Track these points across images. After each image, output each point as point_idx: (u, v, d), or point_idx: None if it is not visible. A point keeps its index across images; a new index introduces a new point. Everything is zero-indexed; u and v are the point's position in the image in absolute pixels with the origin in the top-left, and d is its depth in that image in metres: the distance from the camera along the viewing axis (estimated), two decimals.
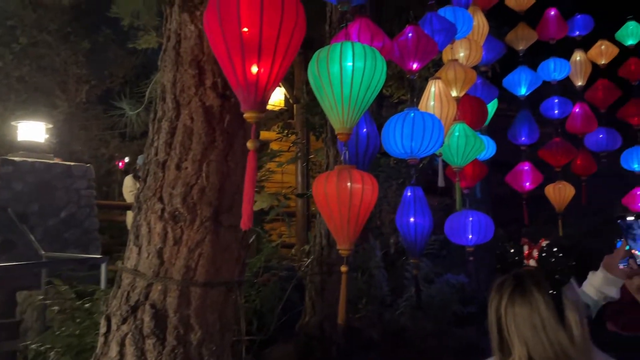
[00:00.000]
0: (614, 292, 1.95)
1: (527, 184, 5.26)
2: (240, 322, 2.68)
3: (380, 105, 7.05)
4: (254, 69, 1.73)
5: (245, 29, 1.70)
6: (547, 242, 2.57)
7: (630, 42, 6.11)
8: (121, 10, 5.51)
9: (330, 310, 4.28)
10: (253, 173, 1.83)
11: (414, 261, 3.00)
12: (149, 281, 2.52)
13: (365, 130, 2.69)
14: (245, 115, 1.82)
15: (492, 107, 4.96)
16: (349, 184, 2.03)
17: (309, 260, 4.50)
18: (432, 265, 4.76)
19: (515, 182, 5.33)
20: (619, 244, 2.81)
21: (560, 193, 5.22)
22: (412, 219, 2.99)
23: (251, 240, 5.25)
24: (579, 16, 5.91)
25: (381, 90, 7.79)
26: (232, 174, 2.62)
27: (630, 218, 2.41)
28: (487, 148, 4.66)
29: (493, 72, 7.14)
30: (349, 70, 2.11)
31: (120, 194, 8.85)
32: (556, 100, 5.63)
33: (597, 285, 1.93)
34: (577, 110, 5.70)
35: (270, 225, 6.52)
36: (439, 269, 4.80)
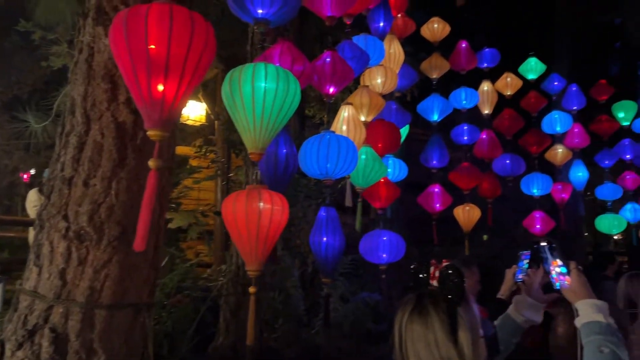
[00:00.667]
0: (535, 316, 2.03)
1: (438, 205, 5.52)
2: (148, 346, 2.59)
3: (302, 126, 7.16)
4: (160, 87, 1.72)
5: (153, 46, 1.69)
6: (447, 262, 2.74)
7: (531, 76, 6.65)
8: (41, 18, 5.25)
9: (244, 332, 4.22)
10: (152, 193, 1.80)
11: (325, 281, 3.05)
12: (49, 303, 2.39)
13: (284, 150, 2.73)
14: (148, 133, 1.79)
15: (404, 131, 5.20)
16: (258, 204, 2.04)
17: (224, 280, 4.44)
18: (348, 284, 4.85)
19: (426, 204, 5.57)
20: (520, 264, 3.01)
21: (467, 215, 5.53)
22: (324, 239, 3.05)
23: (165, 260, 5.11)
24: (487, 50, 6.35)
25: (304, 112, 7.93)
26: (143, 192, 2.55)
27: (543, 243, 2.59)
28: (399, 171, 4.87)
29: (412, 96, 7.51)
30: (261, 91, 2.14)
31: (24, 208, 8.29)
32: (465, 127, 5.98)
33: (519, 309, 2.02)
34: (484, 136, 6.09)
35: (188, 243, 6.37)
36: (354, 288, 4.90)
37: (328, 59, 3.18)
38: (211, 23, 1.86)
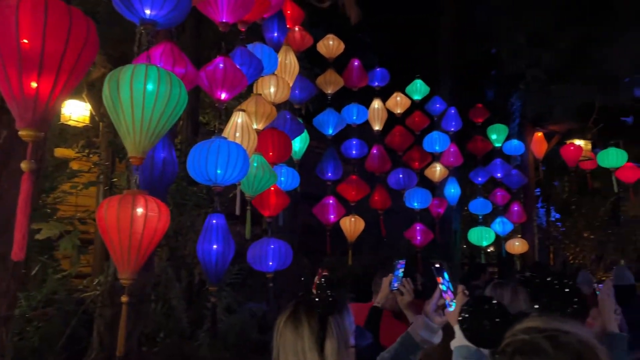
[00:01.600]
0: (431, 337, 2.01)
1: (332, 216, 5.67)
2: None
3: (195, 133, 6.99)
4: (33, 84, 1.60)
5: (25, 41, 1.57)
6: (325, 272, 2.82)
7: (416, 97, 7.09)
8: None
9: None
10: (27, 198, 1.67)
11: (212, 289, 2.99)
12: None
13: (162, 155, 2.64)
14: (20, 133, 1.66)
15: (304, 142, 5.28)
16: (131, 210, 1.95)
17: (99, 291, 4.16)
18: (235, 294, 4.78)
19: (321, 215, 5.69)
20: (396, 273, 3.14)
21: (353, 225, 5.72)
22: (214, 246, 2.99)
23: (35, 270, 4.68)
24: (378, 69, 6.65)
25: (197, 118, 7.71)
26: (5, 195, 2.33)
27: (437, 265, 2.72)
28: (291, 180, 4.92)
29: (307, 110, 7.64)
30: (140, 93, 2.05)
31: None
32: (354, 142, 6.21)
33: (417, 329, 2.02)
34: (374, 151, 6.37)
35: (63, 252, 5.90)
36: (242, 298, 4.83)
37: (221, 65, 3.15)
38: (100, 20, 1.76)
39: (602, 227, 13.70)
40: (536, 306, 1.86)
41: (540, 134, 8.73)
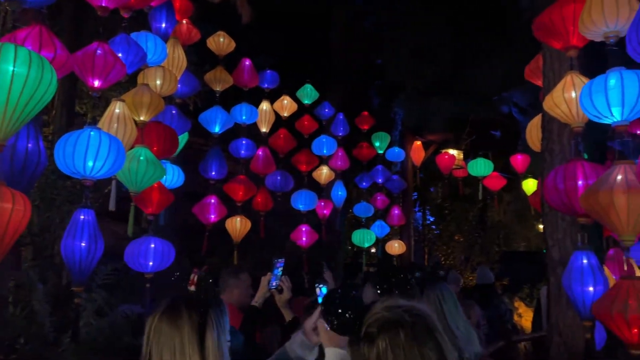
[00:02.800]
0: (306, 355, 1.97)
1: (213, 216, 5.55)
2: None
3: (70, 123, 6.49)
4: None
5: None
6: (205, 269, 2.80)
7: (306, 101, 7.21)
8: None
9: None
10: None
11: (77, 290, 2.78)
12: None
13: (27, 145, 2.41)
14: None
15: (182, 138, 5.12)
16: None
17: None
18: (108, 296, 4.50)
19: (201, 214, 5.56)
20: (275, 272, 3.16)
21: (239, 226, 5.67)
22: (80, 243, 2.78)
23: None
24: (268, 71, 6.67)
25: (73, 107, 7.18)
26: None
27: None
28: (177, 177, 4.76)
29: (195, 107, 7.44)
30: (8, 75, 1.87)
31: None
32: (243, 142, 6.17)
33: (294, 346, 1.98)
34: (260, 153, 6.37)
35: None
36: (115, 300, 4.56)
37: (99, 51, 2.96)
38: None
39: (470, 230, 14.95)
40: (379, 291, 2.10)
41: (419, 142, 9.32)
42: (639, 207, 2.12)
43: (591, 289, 2.80)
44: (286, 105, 6.84)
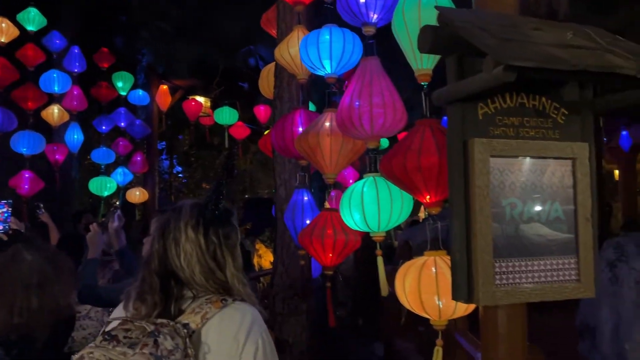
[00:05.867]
0: None
1: None
2: None
3: None
4: None
5: None
6: None
7: (30, 27, 6.23)
8: None
9: None
10: None
11: None
12: None
13: None
14: None
15: None
16: None
17: None
18: None
19: None
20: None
21: None
22: None
23: None
24: None
25: None
26: None
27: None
28: None
29: None
30: None
31: None
32: None
33: None
34: None
35: None
36: None
37: None
38: None
39: (216, 178, 15.31)
40: None
41: (165, 87, 9.01)
42: (340, 148, 2.48)
43: (308, 222, 3.19)
44: (4, 29, 5.82)
